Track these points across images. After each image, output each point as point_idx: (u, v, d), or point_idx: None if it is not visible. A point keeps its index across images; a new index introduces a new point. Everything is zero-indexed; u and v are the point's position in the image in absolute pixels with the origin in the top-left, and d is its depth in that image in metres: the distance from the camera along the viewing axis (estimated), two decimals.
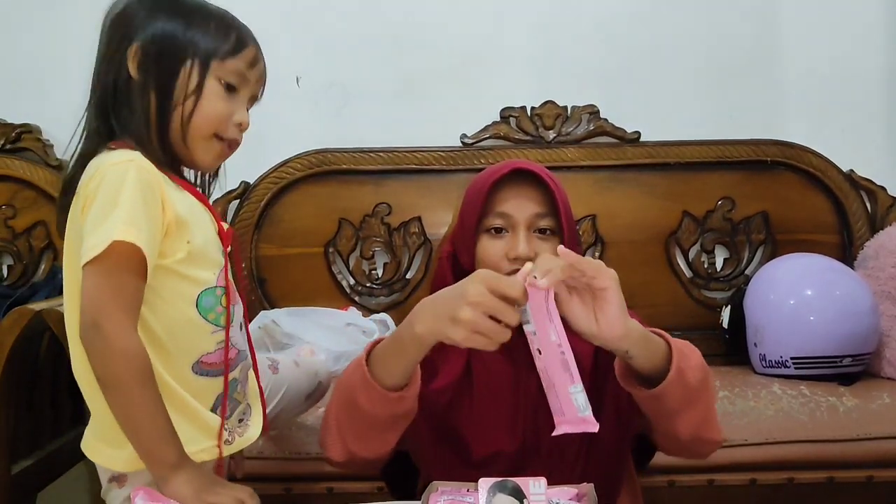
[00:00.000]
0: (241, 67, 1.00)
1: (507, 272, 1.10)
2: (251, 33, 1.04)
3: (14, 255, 2.09)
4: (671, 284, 2.12)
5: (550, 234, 1.12)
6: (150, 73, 0.98)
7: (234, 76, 1.00)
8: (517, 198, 1.11)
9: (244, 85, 1.02)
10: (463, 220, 1.15)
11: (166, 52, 0.97)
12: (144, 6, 1.00)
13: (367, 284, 2.12)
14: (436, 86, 2.16)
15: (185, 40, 0.98)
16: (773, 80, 2.18)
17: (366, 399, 0.94)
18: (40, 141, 2.11)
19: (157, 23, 0.98)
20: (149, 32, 0.98)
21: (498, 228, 1.11)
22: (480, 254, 1.12)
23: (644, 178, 2.13)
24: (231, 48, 0.99)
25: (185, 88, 0.97)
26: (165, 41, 0.98)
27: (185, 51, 0.97)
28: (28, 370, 1.66)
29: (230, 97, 1.00)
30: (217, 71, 0.99)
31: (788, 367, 1.77)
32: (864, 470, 1.55)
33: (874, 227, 2.10)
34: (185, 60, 0.97)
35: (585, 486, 0.85)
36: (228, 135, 1.02)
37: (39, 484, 1.73)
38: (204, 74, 0.98)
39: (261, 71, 1.04)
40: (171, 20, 0.98)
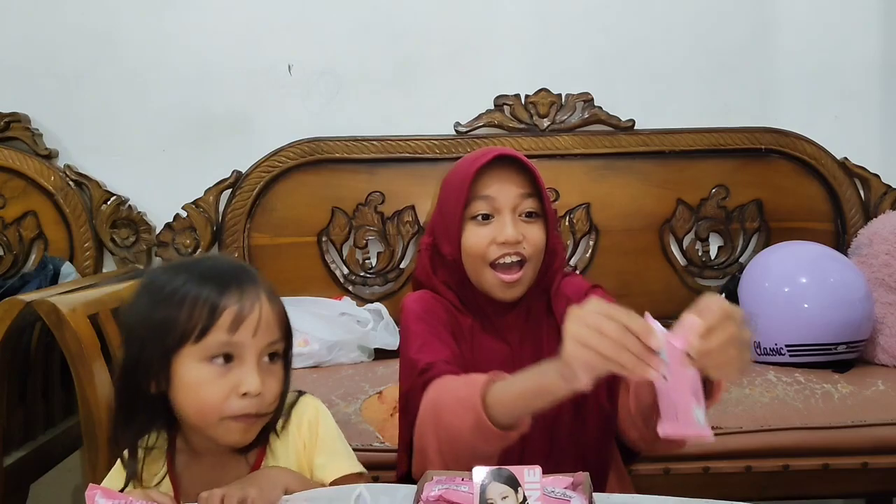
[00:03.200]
0: (223, 338, 0.88)
1: (495, 258, 1.10)
2: (228, 287, 0.90)
3: (4, 245, 2.07)
4: (665, 272, 2.12)
5: (536, 217, 1.12)
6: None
7: (221, 348, 0.89)
8: (500, 182, 1.11)
9: (240, 350, 0.89)
10: (445, 209, 1.14)
11: (131, 366, 0.92)
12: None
13: (360, 274, 2.11)
14: (429, 74, 2.15)
15: (142, 340, 0.91)
16: (767, 69, 2.18)
17: (481, 440, 0.89)
18: (29, 130, 2.08)
19: (128, 339, 0.94)
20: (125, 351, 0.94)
21: (485, 215, 1.11)
22: (466, 242, 1.12)
23: (638, 167, 2.12)
24: (204, 325, 0.88)
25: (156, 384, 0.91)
26: (130, 355, 0.92)
27: (147, 357, 0.90)
28: (19, 361, 1.65)
29: (224, 371, 0.89)
30: (196, 354, 0.89)
31: (783, 354, 1.77)
32: (859, 456, 1.55)
33: (868, 215, 2.10)
34: (149, 366, 0.90)
35: (581, 475, 0.84)
36: (234, 412, 0.89)
37: (32, 475, 1.72)
38: (164, 368, 0.89)
39: (253, 324, 0.89)
40: (140, 314, 0.92)
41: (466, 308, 1.15)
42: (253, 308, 0.90)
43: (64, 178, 2.08)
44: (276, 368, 0.94)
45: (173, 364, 0.89)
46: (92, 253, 2.08)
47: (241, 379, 0.89)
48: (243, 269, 0.96)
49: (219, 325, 0.88)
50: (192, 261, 0.98)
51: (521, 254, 1.10)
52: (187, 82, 2.13)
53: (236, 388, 0.89)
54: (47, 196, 2.08)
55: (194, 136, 2.13)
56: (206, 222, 2.09)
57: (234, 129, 2.13)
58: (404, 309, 1.16)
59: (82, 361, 1.45)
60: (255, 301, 0.91)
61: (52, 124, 2.13)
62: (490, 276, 1.11)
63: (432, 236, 1.17)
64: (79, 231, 2.07)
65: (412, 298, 1.17)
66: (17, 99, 2.10)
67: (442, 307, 1.14)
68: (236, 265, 0.97)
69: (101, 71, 2.12)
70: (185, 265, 0.96)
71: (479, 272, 1.12)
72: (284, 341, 0.95)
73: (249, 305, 0.90)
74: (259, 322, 0.90)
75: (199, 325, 0.88)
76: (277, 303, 0.95)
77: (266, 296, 0.93)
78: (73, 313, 1.47)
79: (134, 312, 0.93)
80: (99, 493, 0.78)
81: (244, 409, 0.89)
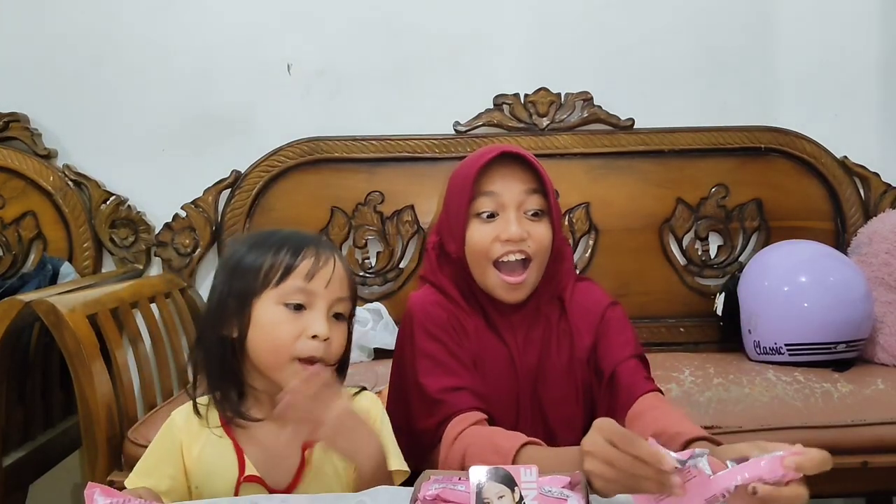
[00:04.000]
0: (299, 284, 0.98)
1: (498, 255, 1.10)
2: (307, 244, 1.01)
3: (3, 245, 2.07)
4: (665, 272, 2.12)
5: (542, 215, 1.12)
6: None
7: (296, 295, 0.98)
8: (504, 178, 1.11)
9: (312, 298, 0.98)
10: (450, 207, 1.14)
11: (215, 310, 1.02)
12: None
13: (360, 273, 2.11)
14: (428, 73, 2.15)
15: (230, 283, 1.01)
16: (766, 67, 2.17)
17: None
18: (28, 130, 2.08)
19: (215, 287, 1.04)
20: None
21: (490, 214, 1.10)
22: (471, 240, 1.11)
23: (638, 166, 2.12)
24: (282, 272, 0.98)
25: (236, 327, 0.99)
26: (216, 299, 1.02)
27: (231, 299, 1.00)
28: (18, 361, 1.65)
29: (297, 316, 0.98)
30: (274, 297, 0.98)
31: (783, 353, 1.77)
32: (859, 455, 1.54)
33: (868, 214, 2.10)
34: (231, 308, 1.00)
35: (578, 474, 0.84)
36: (303, 353, 0.97)
37: (32, 475, 1.72)
38: (245, 310, 0.98)
39: (326, 277, 0.99)
40: (222, 280, 1.03)
41: (472, 307, 1.15)
42: (327, 262, 1.00)
43: (63, 177, 2.08)
44: (342, 326, 1.02)
45: (254, 306, 0.98)
46: (91, 253, 2.08)
47: (311, 323, 0.98)
48: (319, 235, 1.10)
49: (297, 271, 0.98)
50: (271, 231, 1.07)
51: (525, 252, 1.09)
52: (186, 82, 2.13)
53: (306, 331, 0.97)
54: (46, 196, 2.07)
55: (193, 135, 2.13)
56: (206, 222, 2.09)
57: (234, 128, 2.13)
58: (410, 312, 1.15)
59: (81, 361, 1.46)
60: (330, 258, 1.01)
61: (52, 124, 2.13)
62: (494, 277, 1.11)
63: (438, 235, 1.17)
64: (78, 231, 2.07)
65: (418, 301, 1.16)
66: (16, 99, 2.10)
67: (446, 309, 1.13)
68: (312, 234, 1.10)
69: (101, 71, 2.12)
70: (261, 236, 1.05)
71: (483, 271, 1.12)
72: (350, 302, 1.04)
73: (324, 260, 1.00)
74: (332, 276, 1.00)
75: (281, 270, 0.98)
76: (347, 267, 1.05)
77: (338, 257, 1.03)
78: (72, 313, 1.48)
79: (218, 281, 1.03)
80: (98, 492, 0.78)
81: (312, 350, 0.97)
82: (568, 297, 1.16)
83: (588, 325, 1.15)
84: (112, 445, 1.50)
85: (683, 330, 2.09)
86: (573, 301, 1.16)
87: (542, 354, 1.13)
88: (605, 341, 1.14)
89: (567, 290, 1.16)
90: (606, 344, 1.14)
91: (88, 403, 1.46)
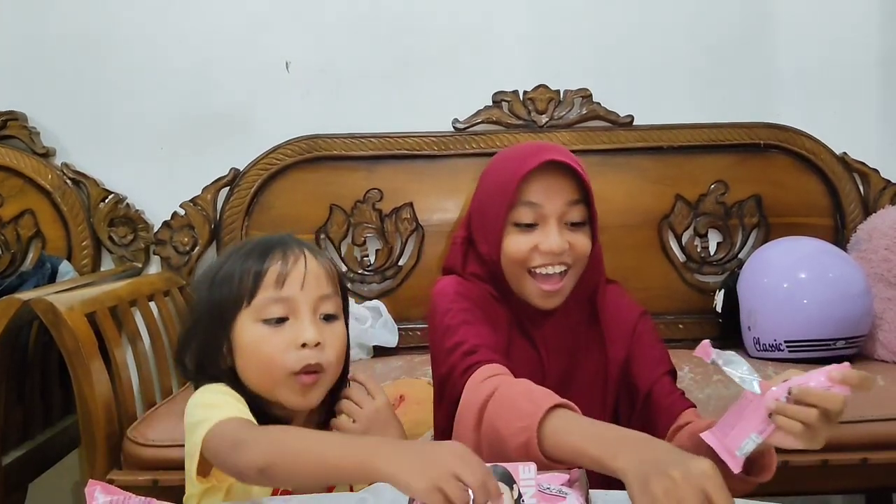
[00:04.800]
0: (271, 294, 0.91)
1: (536, 265, 1.06)
2: (272, 249, 0.94)
3: (1, 244, 2.07)
4: (664, 269, 2.12)
5: (581, 225, 1.08)
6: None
7: (273, 307, 0.91)
8: (548, 189, 1.05)
9: (291, 305, 0.92)
10: (486, 210, 1.09)
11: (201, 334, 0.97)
12: None
13: (358, 271, 2.11)
14: (427, 70, 2.14)
15: (204, 313, 0.96)
16: (766, 63, 2.17)
17: (524, 457, 0.83)
18: (26, 129, 2.08)
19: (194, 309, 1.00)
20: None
21: (527, 225, 1.06)
22: (507, 248, 1.07)
23: (636, 162, 2.12)
24: (251, 286, 0.92)
25: (224, 351, 0.95)
26: (198, 323, 0.97)
27: (208, 323, 0.95)
28: (17, 360, 1.65)
29: (280, 329, 0.92)
30: (250, 316, 0.92)
31: (782, 350, 1.76)
32: (859, 452, 1.54)
33: (867, 210, 2.09)
34: (212, 331, 0.94)
35: (577, 471, 0.84)
36: (296, 365, 0.91)
37: (31, 474, 1.72)
38: (227, 338, 0.93)
39: (299, 278, 0.92)
40: (199, 302, 0.98)
41: (503, 304, 1.10)
42: (297, 263, 0.93)
43: (61, 176, 2.07)
44: (335, 327, 0.95)
45: (234, 332, 0.92)
46: (90, 251, 2.08)
47: (297, 332, 0.91)
48: (287, 236, 0.99)
49: (265, 283, 0.91)
50: (241, 243, 1.02)
51: (565, 263, 1.06)
52: (185, 80, 2.12)
53: (294, 341, 0.91)
54: (45, 195, 2.07)
55: (192, 133, 2.13)
56: (205, 220, 2.09)
57: (232, 126, 2.13)
58: (437, 291, 1.10)
59: (80, 360, 1.46)
60: (299, 257, 0.93)
61: (50, 122, 2.12)
62: (530, 285, 1.07)
63: (468, 231, 1.13)
64: (76, 229, 2.07)
65: (446, 281, 1.12)
66: (13, 97, 2.09)
67: (479, 293, 1.09)
68: (280, 235, 0.99)
69: (99, 69, 2.11)
70: (234, 248, 1.00)
71: (519, 279, 1.08)
72: (339, 298, 0.97)
73: (293, 261, 0.93)
74: (305, 275, 0.92)
75: (248, 288, 0.91)
76: (325, 261, 0.97)
77: (310, 252, 0.95)
78: (71, 312, 1.47)
79: (196, 302, 0.99)
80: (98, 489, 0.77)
81: (305, 359, 0.90)
82: (600, 301, 1.12)
83: (621, 336, 1.12)
84: (111, 444, 1.50)
85: (682, 327, 2.09)
86: (605, 308, 1.12)
87: (571, 360, 1.11)
88: (639, 358, 1.10)
89: (599, 293, 1.13)
90: (641, 360, 1.10)
91: (87, 402, 1.46)
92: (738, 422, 0.80)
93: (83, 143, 2.12)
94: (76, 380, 1.46)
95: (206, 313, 0.95)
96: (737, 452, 0.79)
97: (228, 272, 0.94)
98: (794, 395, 0.77)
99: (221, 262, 0.97)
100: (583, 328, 1.12)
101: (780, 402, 0.78)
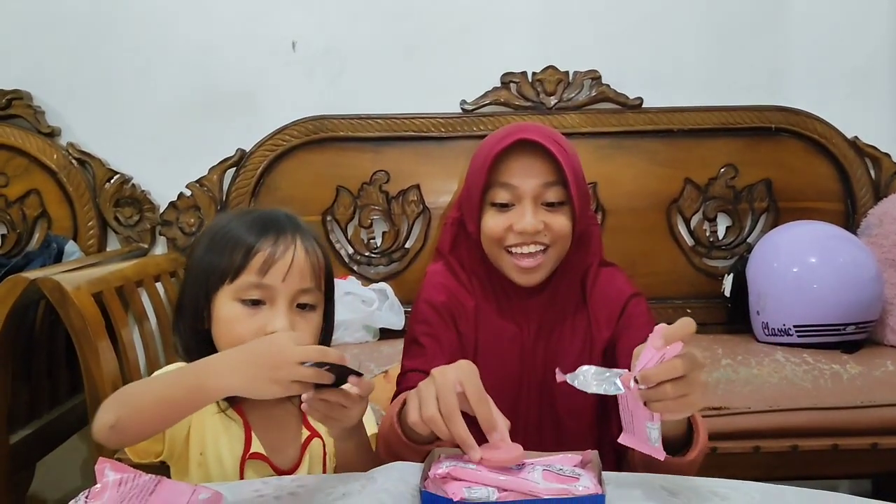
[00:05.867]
0: (252, 279, 0.92)
1: (511, 244, 1.07)
2: (267, 232, 0.94)
3: (7, 224, 2.06)
4: (672, 253, 2.10)
5: (559, 206, 1.07)
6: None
7: (252, 291, 0.92)
8: (522, 170, 1.06)
9: (269, 292, 0.92)
10: (469, 189, 1.11)
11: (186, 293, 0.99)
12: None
13: (365, 253, 2.10)
14: (435, 51, 2.12)
15: (195, 272, 0.97)
16: (777, 46, 2.15)
17: (405, 453, 0.92)
18: (31, 108, 2.07)
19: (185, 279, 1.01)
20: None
21: (504, 204, 1.07)
22: (485, 226, 1.09)
23: (646, 145, 2.10)
24: (238, 265, 0.92)
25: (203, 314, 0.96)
26: (184, 294, 0.99)
27: (194, 288, 0.96)
28: (24, 340, 1.65)
29: (254, 311, 0.92)
30: (230, 293, 0.93)
31: (791, 334, 1.75)
32: (869, 437, 1.54)
33: (878, 195, 2.08)
34: (196, 292, 0.96)
35: (590, 453, 0.84)
36: None
37: (38, 453, 1.73)
38: (207, 305, 0.95)
39: (283, 269, 0.92)
40: (195, 257, 0.98)
41: (484, 288, 1.13)
42: (285, 254, 0.93)
43: (67, 156, 2.06)
44: (309, 317, 0.96)
45: (214, 302, 0.94)
46: (96, 232, 2.07)
47: (269, 319, 0.92)
48: (289, 217, 0.99)
49: (250, 266, 0.92)
50: (248, 209, 1.02)
51: (540, 242, 1.07)
52: (190, 60, 2.11)
53: (265, 328, 0.91)
54: (50, 174, 2.06)
55: (198, 114, 2.11)
56: (210, 201, 2.08)
57: (238, 107, 2.11)
58: (423, 285, 1.15)
59: (87, 339, 1.45)
60: (289, 247, 0.94)
61: (55, 102, 2.11)
62: (508, 261, 1.08)
63: (460, 211, 1.14)
64: (82, 210, 2.06)
65: (428, 277, 1.16)
66: (19, 76, 2.08)
67: (448, 291, 1.12)
68: (283, 214, 0.99)
69: (105, 48, 2.10)
70: (243, 212, 1.00)
71: (497, 256, 1.10)
72: (320, 293, 0.97)
73: (282, 251, 0.93)
74: (290, 268, 0.93)
75: (234, 266, 0.93)
76: (316, 254, 0.97)
77: (303, 244, 0.95)
78: (78, 291, 1.47)
79: (192, 254, 1.00)
80: (108, 467, 0.77)
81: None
82: (590, 283, 1.13)
83: (608, 316, 1.12)
84: None
85: (690, 311, 2.07)
86: (595, 288, 1.13)
87: (556, 340, 1.11)
88: (625, 339, 1.10)
89: (590, 275, 1.13)
90: (627, 342, 1.09)
91: (95, 381, 1.46)
92: (632, 419, 0.82)
93: (88, 123, 2.11)
94: (83, 359, 1.46)
95: (196, 273, 0.97)
96: (651, 444, 0.81)
97: (225, 238, 0.95)
98: (641, 382, 0.78)
99: (225, 222, 0.98)
100: (570, 308, 1.12)
101: (639, 391, 0.79)
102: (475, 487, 0.76)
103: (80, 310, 1.45)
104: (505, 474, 0.77)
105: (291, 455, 0.99)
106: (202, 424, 0.96)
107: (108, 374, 1.48)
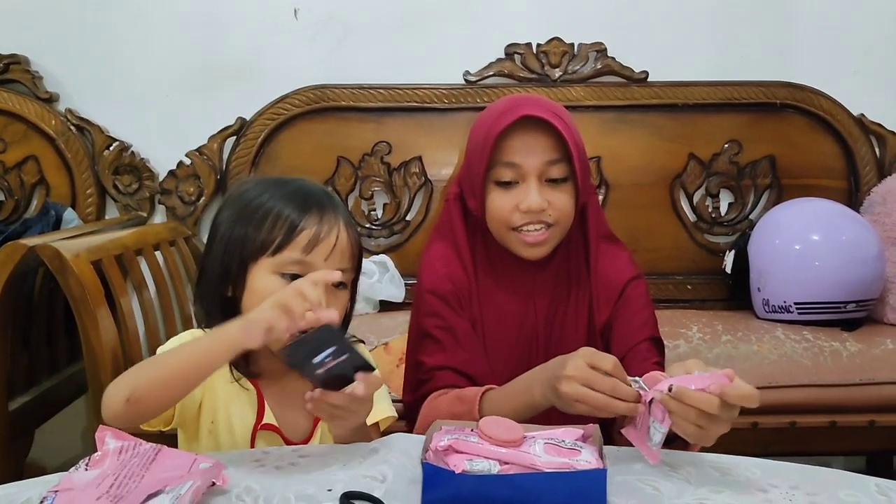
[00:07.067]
0: (296, 256, 0.92)
1: (517, 224, 1.06)
2: (311, 208, 0.94)
3: (5, 190, 2.05)
4: (675, 228, 2.10)
5: (563, 182, 1.06)
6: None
7: (293, 266, 0.92)
8: (526, 147, 1.05)
9: (309, 270, 0.91)
10: (470, 166, 1.10)
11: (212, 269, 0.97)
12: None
13: (366, 225, 2.09)
14: (439, 20, 2.09)
15: (226, 239, 0.95)
16: (784, 21, 2.12)
17: None
18: (29, 73, 2.04)
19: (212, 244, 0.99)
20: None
21: (508, 182, 1.06)
22: (490, 205, 1.07)
23: (651, 120, 2.08)
24: (281, 240, 0.92)
25: (232, 288, 0.95)
26: (213, 259, 0.97)
27: (224, 256, 0.95)
28: (23, 306, 1.64)
29: None
30: (269, 266, 0.93)
31: (791, 311, 1.75)
32: (866, 414, 1.55)
33: (882, 173, 2.07)
34: (227, 260, 0.95)
35: (591, 427, 0.84)
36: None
37: (37, 420, 1.73)
38: (241, 273, 0.94)
39: (327, 250, 0.92)
40: (224, 223, 0.97)
41: (487, 266, 1.12)
42: (330, 233, 0.93)
43: (65, 122, 2.04)
44: (340, 295, 0.96)
45: (249, 272, 0.94)
46: (94, 199, 2.06)
47: None
48: (327, 194, 0.99)
49: (296, 242, 0.92)
50: (280, 179, 1.00)
51: (545, 221, 1.06)
52: (191, 26, 2.08)
53: None
54: (48, 141, 2.04)
55: (198, 81, 2.09)
56: (210, 170, 2.06)
57: (239, 75, 2.09)
58: (420, 277, 1.13)
59: (86, 307, 1.45)
60: (334, 227, 0.94)
61: (53, 67, 2.08)
62: (514, 238, 1.08)
63: (460, 187, 1.13)
64: (81, 177, 2.05)
65: (428, 265, 1.13)
66: (16, 40, 2.05)
67: (453, 278, 1.11)
68: (321, 190, 1.00)
69: (104, 13, 2.07)
70: (274, 182, 0.99)
71: (503, 235, 1.09)
72: (354, 272, 0.98)
73: (327, 230, 0.93)
74: (334, 248, 0.93)
75: (277, 240, 0.92)
76: (354, 232, 0.98)
77: (344, 223, 0.96)
78: (77, 259, 1.46)
79: (221, 221, 0.98)
80: (109, 434, 0.77)
81: (307, 323, 0.89)
82: (593, 259, 1.12)
83: (607, 298, 1.11)
84: None
85: (691, 287, 2.07)
86: (598, 267, 1.12)
87: (559, 319, 1.11)
88: (621, 320, 1.10)
89: (591, 249, 1.12)
90: (623, 324, 1.10)
91: (94, 349, 1.46)
92: (645, 416, 0.84)
93: (87, 89, 2.08)
94: (83, 327, 1.46)
95: (227, 241, 0.95)
96: (649, 443, 0.83)
97: (263, 210, 0.94)
98: (674, 392, 0.80)
99: (257, 193, 0.96)
100: (573, 288, 1.12)
101: (663, 393, 0.81)
102: (476, 460, 0.76)
103: (80, 277, 1.44)
104: (506, 447, 0.77)
105: (304, 428, 0.99)
106: (214, 393, 0.96)
107: (108, 343, 1.48)
